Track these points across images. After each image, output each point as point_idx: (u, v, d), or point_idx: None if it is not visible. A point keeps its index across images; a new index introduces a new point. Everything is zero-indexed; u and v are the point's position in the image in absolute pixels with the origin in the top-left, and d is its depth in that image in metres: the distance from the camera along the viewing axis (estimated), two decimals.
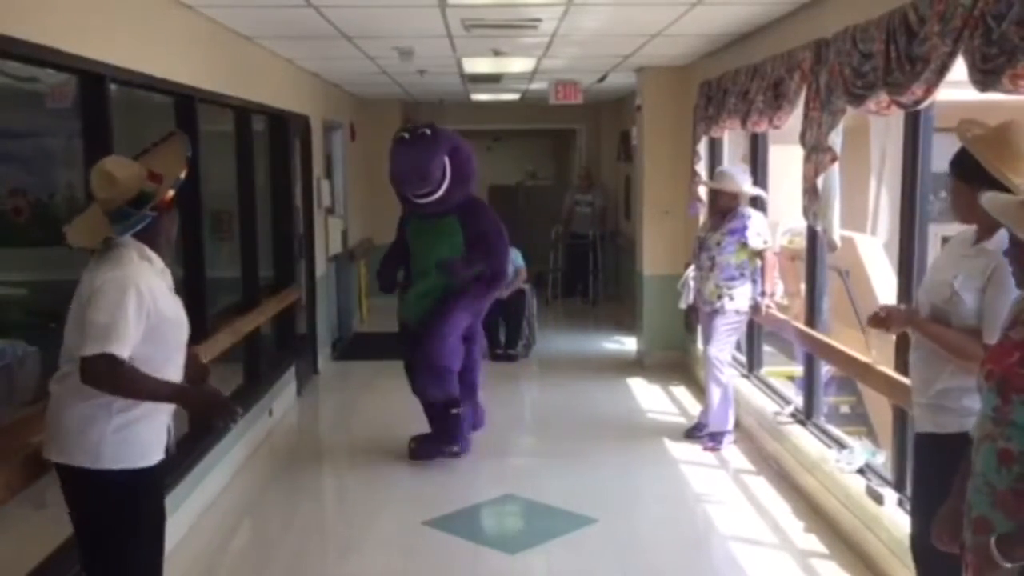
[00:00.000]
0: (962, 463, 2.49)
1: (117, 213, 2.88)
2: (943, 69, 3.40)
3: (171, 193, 2.95)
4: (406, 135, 5.81)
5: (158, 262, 2.99)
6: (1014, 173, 2.51)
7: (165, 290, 2.99)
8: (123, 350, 2.78)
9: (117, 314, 2.77)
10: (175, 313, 3.03)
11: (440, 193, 5.70)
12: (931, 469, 3.03)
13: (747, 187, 6.04)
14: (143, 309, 2.83)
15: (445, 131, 5.88)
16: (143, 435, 2.93)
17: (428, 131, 5.76)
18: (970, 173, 2.80)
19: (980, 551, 2.25)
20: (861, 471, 4.64)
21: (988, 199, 2.34)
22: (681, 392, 7.64)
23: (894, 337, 4.06)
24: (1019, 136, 2.64)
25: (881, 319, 3.24)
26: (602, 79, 9.17)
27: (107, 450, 2.85)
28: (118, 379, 2.80)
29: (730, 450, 6.08)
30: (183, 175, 2.99)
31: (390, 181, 5.86)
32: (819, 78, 4.67)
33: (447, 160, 5.68)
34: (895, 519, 4.10)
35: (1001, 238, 2.87)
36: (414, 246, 5.99)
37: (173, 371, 3.02)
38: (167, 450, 3.07)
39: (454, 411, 5.92)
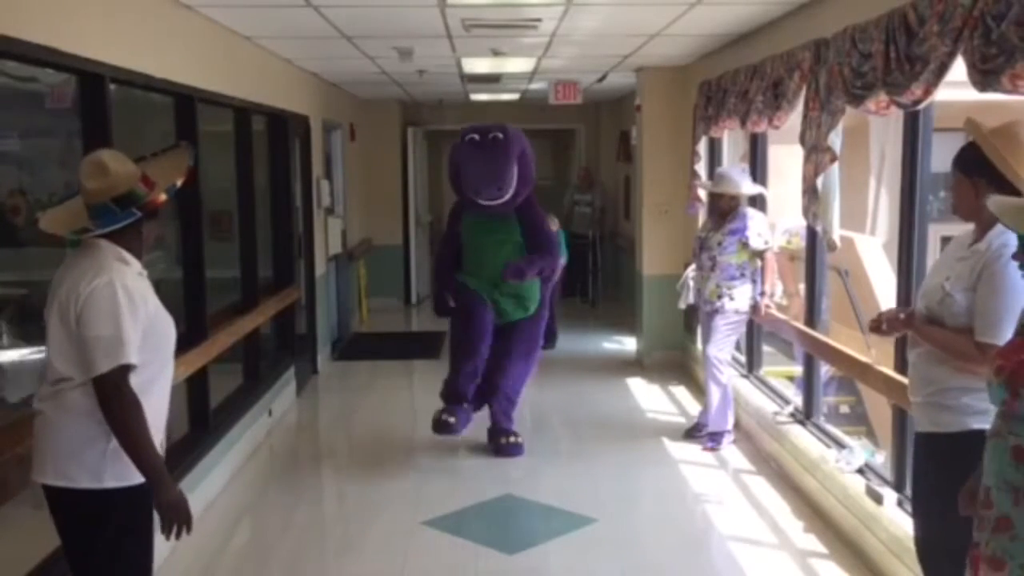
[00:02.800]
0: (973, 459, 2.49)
1: (100, 208, 2.75)
2: (942, 69, 3.40)
3: (163, 197, 2.84)
4: (476, 136, 5.74)
5: (135, 264, 2.87)
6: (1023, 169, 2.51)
7: (149, 292, 2.90)
8: (134, 357, 2.73)
9: (119, 322, 2.70)
10: (164, 316, 2.95)
11: (507, 196, 5.73)
12: (930, 469, 3.03)
13: (746, 187, 6.05)
14: (137, 311, 2.76)
15: (515, 133, 5.85)
16: None
17: (501, 135, 5.72)
18: (974, 168, 2.80)
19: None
20: (860, 471, 4.64)
21: (994, 202, 2.34)
22: (681, 392, 7.64)
23: (893, 337, 4.06)
24: None
25: (879, 326, 3.23)
26: (602, 79, 9.17)
27: (109, 468, 2.77)
28: (131, 395, 2.72)
29: (729, 450, 6.08)
30: (180, 182, 2.90)
31: (458, 184, 5.80)
32: (818, 78, 4.68)
33: (516, 164, 5.73)
34: (894, 519, 4.10)
35: (991, 238, 2.88)
36: (472, 244, 5.98)
37: (166, 379, 2.97)
38: None
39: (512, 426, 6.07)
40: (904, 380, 4.03)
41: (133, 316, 2.74)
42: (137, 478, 2.86)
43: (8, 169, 5.02)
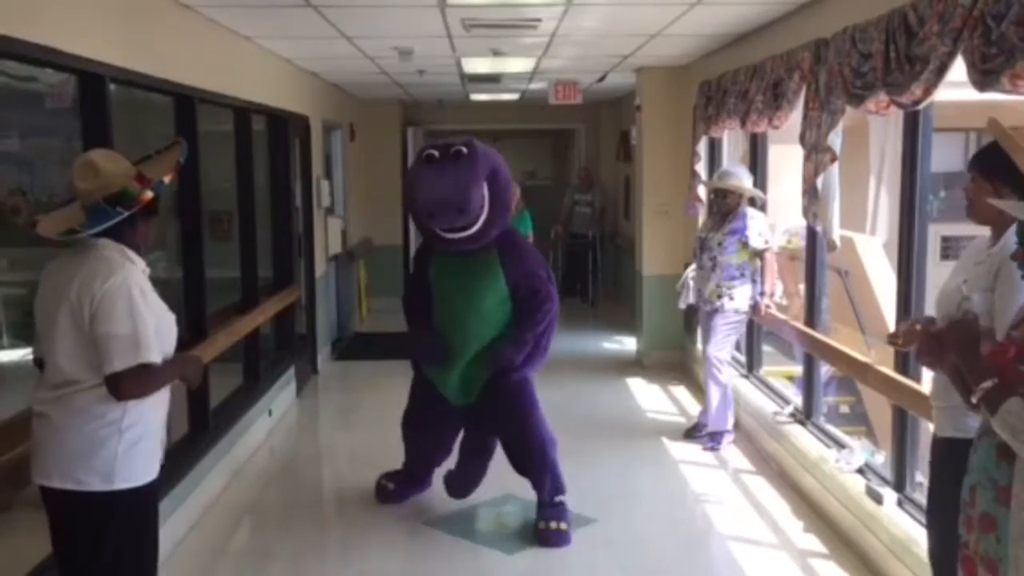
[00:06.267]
0: None
1: (94, 208, 2.75)
2: (942, 69, 3.40)
3: (148, 195, 2.81)
4: (435, 153, 4.64)
5: (140, 262, 2.89)
6: None
7: (153, 291, 2.92)
8: (155, 355, 2.76)
9: (136, 321, 2.72)
10: (167, 315, 2.97)
11: (477, 227, 4.58)
12: (949, 475, 2.99)
13: (749, 184, 6.06)
14: (151, 310, 2.79)
15: (483, 148, 4.70)
16: (148, 449, 2.89)
17: (464, 149, 4.59)
18: (998, 173, 2.75)
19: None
20: (860, 471, 4.65)
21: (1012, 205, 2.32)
22: (680, 392, 7.64)
23: (911, 348, 4.03)
24: None
25: (896, 340, 3.18)
26: (602, 79, 9.18)
27: (120, 469, 2.79)
28: (153, 384, 2.81)
29: (729, 450, 6.08)
30: (167, 179, 2.88)
31: (412, 212, 4.76)
32: (818, 78, 4.68)
33: (486, 186, 4.59)
34: (894, 519, 4.10)
35: (1007, 238, 2.84)
36: (441, 291, 4.83)
37: None
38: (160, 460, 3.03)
39: (559, 500, 4.87)
40: (904, 380, 4.04)
41: (148, 315, 2.77)
42: (144, 478, 2.87)
43: (8, 169, 5.02)
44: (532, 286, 4.78)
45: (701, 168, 7.31)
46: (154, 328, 2.81)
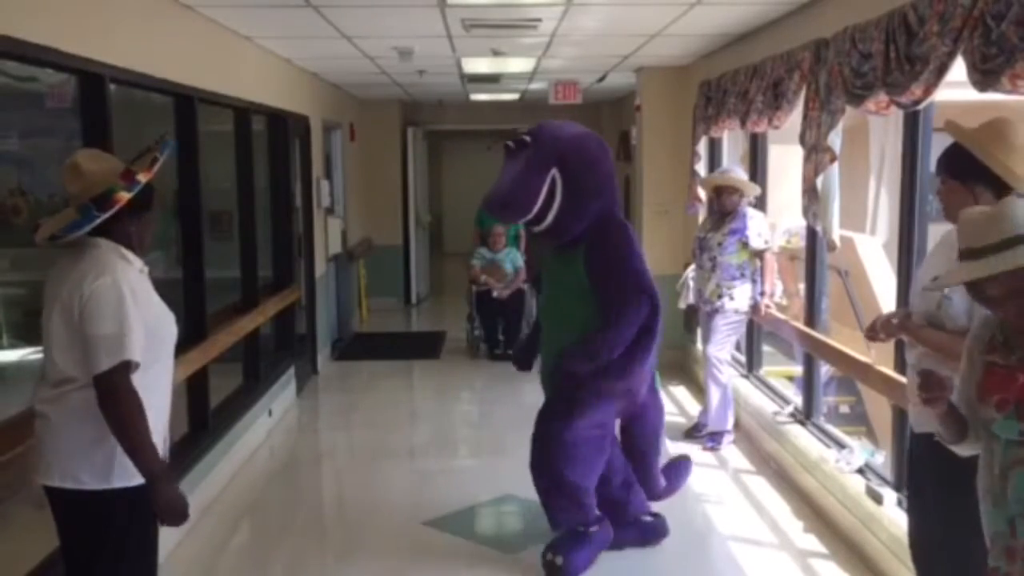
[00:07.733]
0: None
1: (83, 209, 2.73)
2: (942, 69, 3.40)
3: (123, 196, 2.74)
4: (511, 144, 4.32)
5: (137, 262, 2.87)
6: (1015, 165, 2.50)
7: (150, 290, 2.90)
8: (136, 354, 2.72)
9: (122, 320, 2.70)
10: (165, 315, 2.95)
11: (548, 221, 4.22)
12: (930, 469, 3.01)
13: (747, 180, 6.06)
14: (140, 309, 2.76)
15: (551, 134, 4.30)
16: None
17: (528, 138, 4.26)
18: (971, 174, 2.76)
19: None
20: (860, 471, 4.65)
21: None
22: (681, 392, 7.64)
23: (891, 341, 4.04)
24: (1011, 130, 2.65)
25: (875, 335, 3.19)
26: (602, 79, 9.18)
27: (117, 468, 2.78)
28: (131, 394, 2.70)
29: (729, 450, 6.08)
30: (142, 177, 2.80)
31: None
32: (818, 78, 4.68)
33: (557, 174, 4.16)
34: (894, 519, 4.10)
35: None
36: (543, 287, 4.69)
37: (167, 379, 2.97)
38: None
39: (581, 529, 4.34)
40: (904, 380, 4.03)
41: (137, 314, 2.74)
42: (142, 477, 2.86)
43: (8, 169, 5.03)
44: (603, 286, 4.22)
45: (701, 168, 7.31)
46: (145, 329, 2.76)
